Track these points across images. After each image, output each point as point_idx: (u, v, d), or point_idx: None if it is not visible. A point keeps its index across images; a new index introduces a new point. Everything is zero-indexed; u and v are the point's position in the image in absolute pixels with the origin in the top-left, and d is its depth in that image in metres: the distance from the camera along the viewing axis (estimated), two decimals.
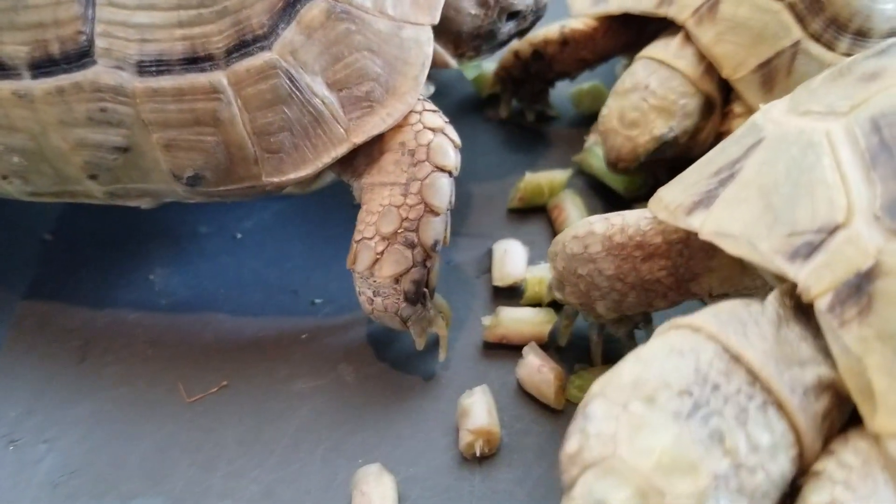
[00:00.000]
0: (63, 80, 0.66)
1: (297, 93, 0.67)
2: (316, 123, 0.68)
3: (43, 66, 0.66)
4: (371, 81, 0.68)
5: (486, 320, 0.75)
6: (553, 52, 0.93)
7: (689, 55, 0.82)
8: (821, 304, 0.47)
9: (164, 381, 0.73)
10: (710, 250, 0.61)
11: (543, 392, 0.70)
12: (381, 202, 0.69)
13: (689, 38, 0.83)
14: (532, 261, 0.81)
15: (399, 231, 0.68)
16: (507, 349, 0.75)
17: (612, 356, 0.71)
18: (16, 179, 0.71)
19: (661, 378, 0.46)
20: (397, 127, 0.70)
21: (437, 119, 0.71)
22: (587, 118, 0.96)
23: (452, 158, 0.70)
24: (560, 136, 0.96)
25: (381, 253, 0.68)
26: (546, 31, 0.92)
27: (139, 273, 0.82)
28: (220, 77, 0.65)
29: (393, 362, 0.74)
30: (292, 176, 0.68)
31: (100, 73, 0.66)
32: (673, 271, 0.63)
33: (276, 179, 0.68)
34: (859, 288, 0.46)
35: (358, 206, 0.71)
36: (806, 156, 0.53)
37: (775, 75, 0.81)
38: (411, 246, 0.68)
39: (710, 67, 0.82)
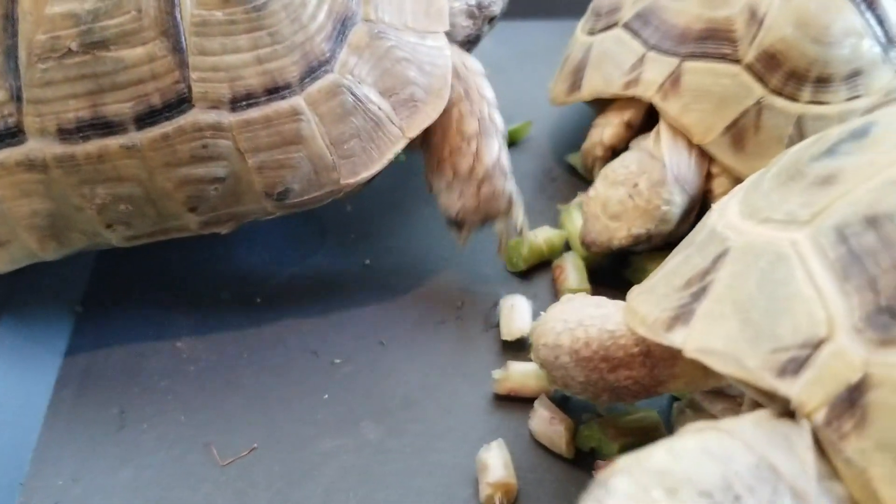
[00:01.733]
0: (166, 126, 0.74)
1: (360, 103, 0.78)
2: (377, 127, 0.79)
3: (146, 117, 0.74)
4: (412, 85, 0.81)
5: (497, 373, 0.80)
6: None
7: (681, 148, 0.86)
8: (817, 420, 0.48)
9: (198, 446, 0.77)
10: (672, 359, 0.64)
11: (555, 443, 0.75)
12: (459, 129, 0.83)
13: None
14: (537, 315, 0.85)
15: (480, 130, 0.83)
16: (517, 400, 0.79)
17: (617, 405, 0.76)
18: (119, 226, 0.78)
19: (687, 474, 0.47)
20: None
21: (478, 65, 0.87)
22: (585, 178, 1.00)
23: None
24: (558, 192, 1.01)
25: (476, 149, 0.82)
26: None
27: (166, 341, 0.86)
28: (298, 100, 0.76)
29: (412, 418, 0.79)
30: (365, 175, 0.80)
31: (199, 114, 0.74)
32: (638, 379, 0.66)
33: (352, 181, 0.79)
34: (852, 401, 0.47)
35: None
36: (776, 269, 0.53)
37: (744, 134, 0.85)
38: (494, 135, 0.83)
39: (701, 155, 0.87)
